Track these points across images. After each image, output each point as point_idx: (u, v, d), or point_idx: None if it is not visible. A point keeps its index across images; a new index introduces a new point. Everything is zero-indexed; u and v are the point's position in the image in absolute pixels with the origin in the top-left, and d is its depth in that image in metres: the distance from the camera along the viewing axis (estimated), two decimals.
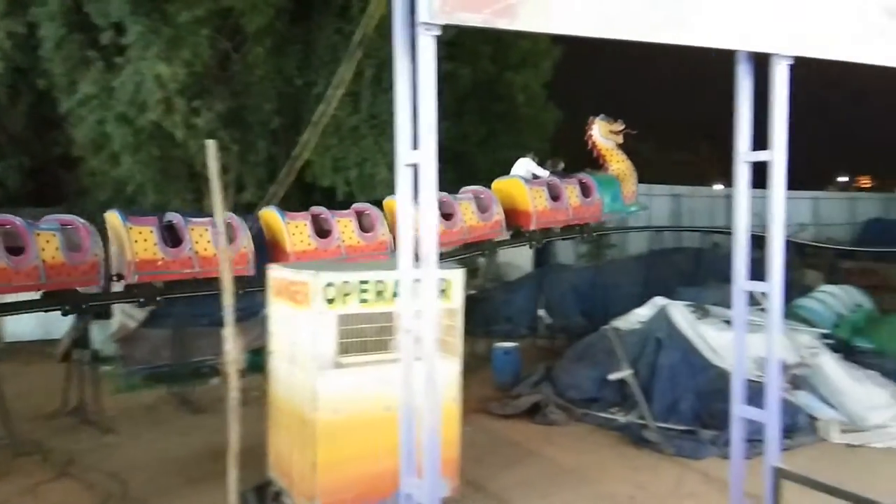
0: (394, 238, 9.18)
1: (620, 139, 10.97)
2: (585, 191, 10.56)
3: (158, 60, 11.50)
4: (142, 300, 8.06)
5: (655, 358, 7.59)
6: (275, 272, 5.40)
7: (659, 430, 6.77)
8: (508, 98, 16.56)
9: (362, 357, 4.93)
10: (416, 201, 2.87)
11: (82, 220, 7.59)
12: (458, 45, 15.01)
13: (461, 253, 10.10)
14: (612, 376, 7.49)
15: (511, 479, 6.01)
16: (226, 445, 4.14)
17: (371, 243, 9.01)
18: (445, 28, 2.72)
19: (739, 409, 3.79)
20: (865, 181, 37.09)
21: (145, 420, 7.85)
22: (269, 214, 9.15)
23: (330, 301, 4.74)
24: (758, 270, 3.74)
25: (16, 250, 6.93)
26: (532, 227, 10.09)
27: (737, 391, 3.80)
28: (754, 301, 3.97)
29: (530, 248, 11.35)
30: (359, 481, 4.74)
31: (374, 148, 13.30)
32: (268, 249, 8.83)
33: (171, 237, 8.07)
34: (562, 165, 11.21)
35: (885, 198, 25.56)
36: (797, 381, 7.35)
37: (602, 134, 10.85)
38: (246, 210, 11.46)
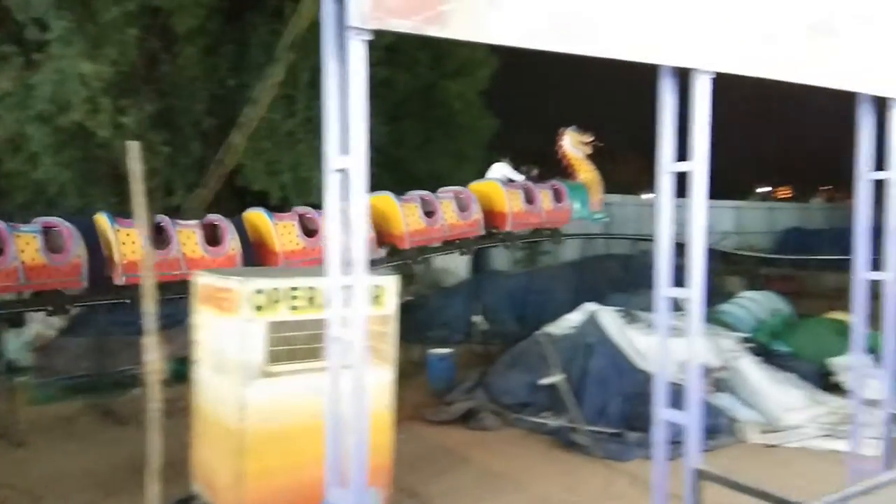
0: (377, 235, 9.49)
1: (589, 150, 11.60)
2: (558, 196, 11.19)
3: (82, 58, 11.02)
4: (128, 301, 8.07)
5: (586, 362, 7.75)
6: (200, 278, 5.25)
7: (588, 433, 6.91)
8: (446, 105, 16.67)
9: (292, 365, 4.84)
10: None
11: (67, 223, 7.72)
12: (396, 50, 15.01)
13: (441, 250, 10.43)
14: (544, 381, 7.62)
15: (444, 485, 6.01)
16: (148, 458, 4.00)
17: None
18: (381, 33, 2.72)
19: (662, 412, 3.89)
20: (784, 192, 39.06)
21: (62, 432, 7.47)
22: (256, 215, 9.13)
23: (258, 308, 4.64)
24: (683, 277, 3.87)
25: None
26: (507, 228, 10.65)
27: (659, 394, 3.91)
28: (679, 307, 4.11)
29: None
30: (287, 492, 4.65)
31: (309, 152, 13.14)
32: (253, 251, 8.78)
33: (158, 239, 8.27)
34: (535, 171, 11.89)
35: (802, 208, 26.98)
36: (719, 383, 7.65)
37: (572, 144, 11.49)
38: (175, 213, 11.13)
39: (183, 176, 13.11)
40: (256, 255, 8.77)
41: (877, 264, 4.77)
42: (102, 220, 8.03)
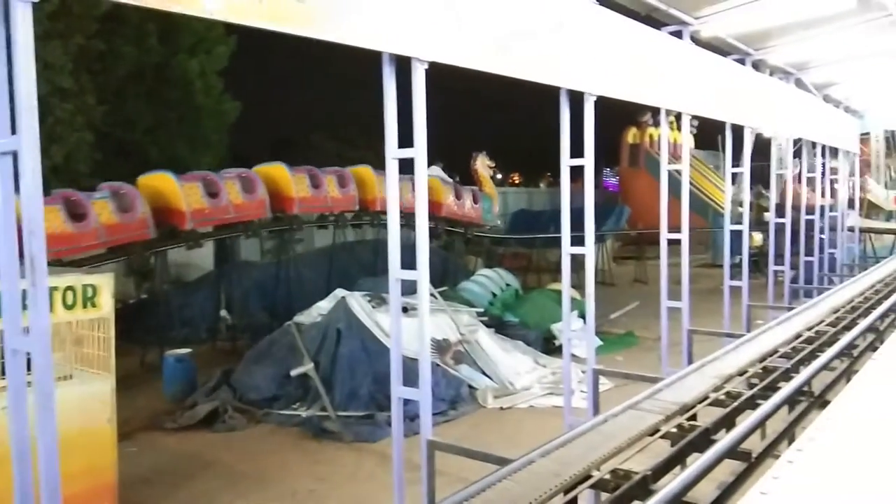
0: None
1: (491, 172, 16.32)
2: (475, 199, 14.44)
3: None
4: None
5: (336, 349, 7.75)
6: None
7: (339, 418, 6.94)
8: (182, 84, 15.46)
9: None
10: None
11: None
12: (118, 20, 13.53)
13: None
14: (294, 372, 7.48)
15: (184, 495, 5.59)
16: None
17: None
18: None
19: (397, 390, 4.01)
20: (516, 178, 43.21)
21: None
22: None
23: None
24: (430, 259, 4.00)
25: None
26: (442, 214, 13.52)
27: (395, 373, 4.02)
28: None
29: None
30: None
31: None
32: None
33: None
34: (457, 178, 16.12)
35: (529, 192, 30.11)
36: (459, 356, 8.18)
37: (482, 165, 15.76)
38: None
39: None
40: None
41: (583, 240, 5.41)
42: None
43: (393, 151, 3.94)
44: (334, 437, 6.72)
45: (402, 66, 3.79)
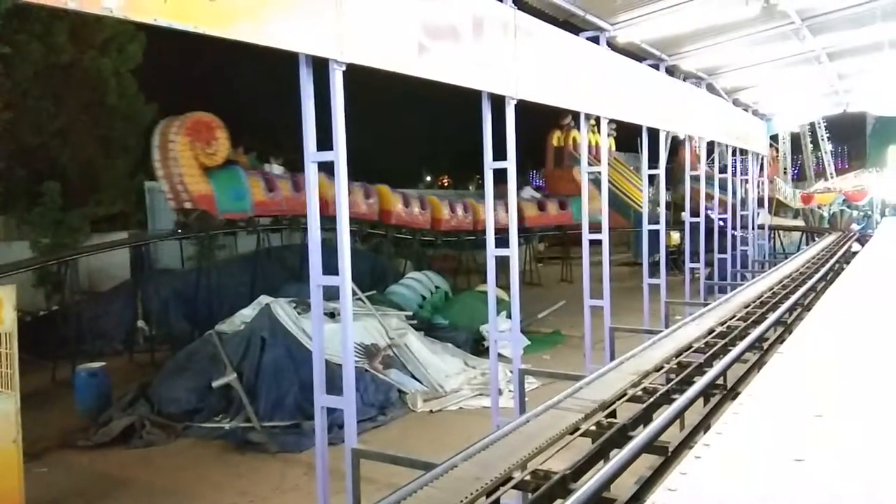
0: None
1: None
2: (563, 205, 16.67)
3: None
4: None
5: (260, 357, 7.55)
6: None
7: (264, 429, 6.75)
8: (94, 84, 14.70)
9: None
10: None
11: None
12: (22, 18, 12.78)
13: None
14: (216, 383, 7.24)
15: None
16: None
17: None
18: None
19: (320, 399, 3.93)
20: (445, 180, 43.45)
21: None
22: None
23: None
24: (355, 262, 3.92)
25: None
26: (528, 225, 15.77)
27: (318, 381, 3.94)
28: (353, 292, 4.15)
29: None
30: None
31: None
32: None
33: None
34: (541, 195, 18.27)
35: (459, 194, 30.35)
36: (388, 360, 8.11)
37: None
38: None
39: None
40: None
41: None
42: None
43: (312, 154, 3.86)
44: (259, 449, 6.53)
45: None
